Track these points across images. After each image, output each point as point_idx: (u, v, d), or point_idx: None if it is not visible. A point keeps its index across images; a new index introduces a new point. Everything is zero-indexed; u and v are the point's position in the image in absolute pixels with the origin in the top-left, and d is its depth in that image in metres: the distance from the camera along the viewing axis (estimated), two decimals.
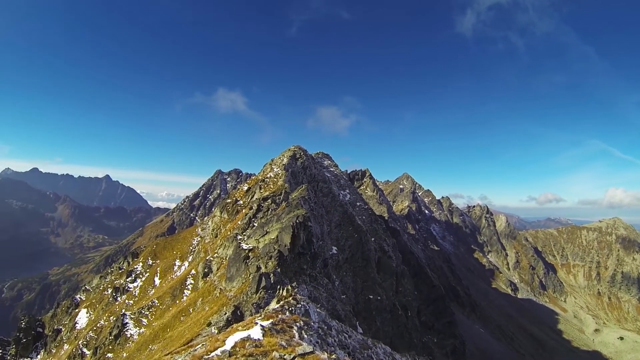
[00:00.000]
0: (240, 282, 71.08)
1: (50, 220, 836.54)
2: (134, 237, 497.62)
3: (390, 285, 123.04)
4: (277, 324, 30.74)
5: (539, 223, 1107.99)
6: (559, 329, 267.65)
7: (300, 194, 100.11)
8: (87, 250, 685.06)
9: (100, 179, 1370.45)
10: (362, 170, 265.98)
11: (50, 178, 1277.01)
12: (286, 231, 74.87)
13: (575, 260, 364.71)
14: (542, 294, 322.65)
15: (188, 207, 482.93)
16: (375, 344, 43.67)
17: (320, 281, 76.48)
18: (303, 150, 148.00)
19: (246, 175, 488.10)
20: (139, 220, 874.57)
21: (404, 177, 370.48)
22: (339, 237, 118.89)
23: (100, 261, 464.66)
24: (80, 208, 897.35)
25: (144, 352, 70.84)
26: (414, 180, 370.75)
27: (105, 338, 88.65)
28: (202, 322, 61.49)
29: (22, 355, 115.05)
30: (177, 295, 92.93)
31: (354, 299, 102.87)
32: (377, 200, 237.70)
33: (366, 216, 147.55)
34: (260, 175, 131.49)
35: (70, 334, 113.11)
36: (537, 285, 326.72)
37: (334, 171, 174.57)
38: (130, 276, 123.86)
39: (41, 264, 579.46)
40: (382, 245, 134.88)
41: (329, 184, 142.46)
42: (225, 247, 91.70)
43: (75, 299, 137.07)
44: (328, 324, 40.25)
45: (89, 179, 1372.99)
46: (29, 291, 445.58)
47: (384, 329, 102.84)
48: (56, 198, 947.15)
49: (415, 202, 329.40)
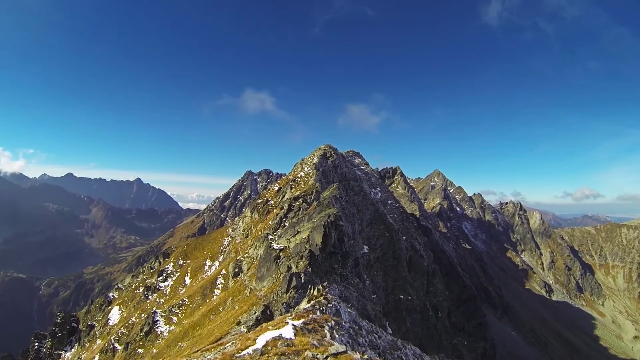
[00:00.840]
0: (270, 282, 70.89)
1: (85, 222, 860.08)
2: (165, 237, 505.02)
3: (421, 284, 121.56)
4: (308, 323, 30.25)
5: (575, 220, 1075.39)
6: (595, 335, 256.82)
7: (331, 193, 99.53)
8: (119, 250, 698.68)
9: (132, 182, 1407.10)
10: (393, 168, 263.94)
11: (84, 182, 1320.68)
12: (317, 230, 74.31)
13: (614, 261, 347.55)
14: (578, 296, 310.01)
15: (218, 208, 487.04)
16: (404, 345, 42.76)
17: (351, 280, 75.70)
18: (333, 149, 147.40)
19: (276, 175, 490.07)
20: (169, 221, 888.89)
21: (435, 174, 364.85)
22: (370, 236, 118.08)
23: (132, 261, 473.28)
24: (113, 210, 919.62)
25: (173, 349, 71.22)
26: (445, 177, 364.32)
27: (136, 334, 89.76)
28: (232, 321, 61.41)
29: (57, 348, 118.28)
30: (207, 295, 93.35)
31: (384, 299, 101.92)
32: (408, 198, 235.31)
33: (397, 214, 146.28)
34: (290, 175, 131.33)
35: (103, 330, 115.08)
36: (573, 287, 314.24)
37: (364, 169, 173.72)
38: (162, 275, 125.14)
39: (76, 263, 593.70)
40: (414, 244, 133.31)
41: (360, 182, 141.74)
42: (256, 247, 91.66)
43: (108, 297, 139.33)
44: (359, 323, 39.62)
45: (121, 182, 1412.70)
46: (65, 289, 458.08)
47: (414, 329, 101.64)
48: (90, 201, 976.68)
49: (446, 199, 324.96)
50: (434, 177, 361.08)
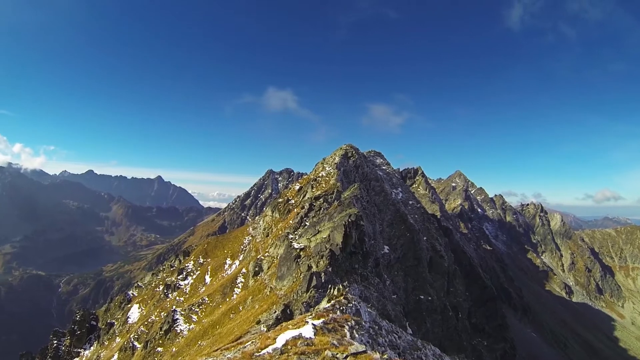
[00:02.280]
0: (290, 281, 71.29)
1: (105, 220, 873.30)
2: (186, 236, 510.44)
3: (441, 285, 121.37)
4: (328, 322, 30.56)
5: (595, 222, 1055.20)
6: (615, 337, 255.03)
7: (352, 192, 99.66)
8: (139, 248, 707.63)
9: (153, 180, 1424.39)
10: (414, 168, 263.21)
11: (104, 179, 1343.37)
12: (338, 230, 74.54)
13: (634, 263, 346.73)
14: (598, 298, 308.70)
15: (239, 206, 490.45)
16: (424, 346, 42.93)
17: (371, 280, 75.73)
18: (355, 149, 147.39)
19: (298, 174, 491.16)
20: (190, 219, 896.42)
21: (457, 175, 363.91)
22: (391, 236, 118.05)
23: (153, 259, 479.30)
24: (133, 208, 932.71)
25: (193, 348, 72.08)
26: (467, 177, 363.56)
27: (155, 333, 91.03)
28: (252, 320, 61.92)
29: (76, 346, 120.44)
30: (227, 293, 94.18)
31: (404, 299, 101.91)
32: (430, 198, 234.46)
33: (418, 215, 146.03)
34: (312, 175, 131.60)
35: (123, 328, 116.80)
36: (594, 289, 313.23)
37: (386, 169, 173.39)
38: (182, 274, 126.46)
39: (96, 261, 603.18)
40: (434, 245, 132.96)
41: (381, 182, 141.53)
42: (277, 246, 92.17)
43: (128, 295, 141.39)
44: (378, 323, 39.87)
45: (141, 180, 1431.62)
46: (84, 286, 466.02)
47: (434, 330, 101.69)
48: (110, 198, 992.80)
49: (467, 200, 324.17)
50: (455, 178, 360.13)
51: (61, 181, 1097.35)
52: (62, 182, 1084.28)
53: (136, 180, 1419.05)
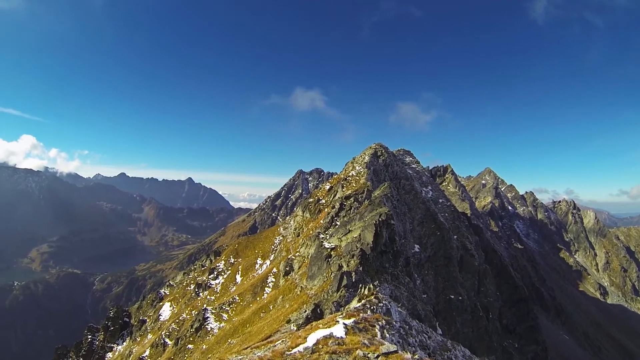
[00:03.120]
0: (321, 281, 71.27)
1: (137, 221, 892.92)
2: (216, 236, 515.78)
3: (472, 284, 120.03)
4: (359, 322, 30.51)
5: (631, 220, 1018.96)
6: None
7: (382, 191, 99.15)
8: (171, 248, 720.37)
9: (183, 182, 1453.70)
10: (444, 166, 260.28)
11: (136, 182, 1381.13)
12: (369, 229, 74.22)
13: None
14: (634, 299, 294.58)
15: (270, 207, 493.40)
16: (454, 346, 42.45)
17: (401, 280, 75.20)
18: (384, 148, 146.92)
19: (328, 174, 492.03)
20: (221, 220, 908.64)
21: (486, 172, 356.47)
22: (421, 235, 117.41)
23: (184, 259, 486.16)
24: (164, 209, 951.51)
25: (223, 346, 72.73)
26: (497, 175, 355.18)
27: (186, 330, 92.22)
28: (282, 319, 62.13)
29: (110, 341, 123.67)
30: (257, 293, 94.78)
31: (434, 299, 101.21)
32: (459, 196, 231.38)
33: (448, 213, 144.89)
34: (342, 174, 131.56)
35: (154, 325, 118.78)
36: (630, 290, 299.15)
37: (415, 168, 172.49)
38: (213, 273, 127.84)
39: (129, 260, 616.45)
40: (465, 243, 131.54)
41: (411, 181, 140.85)
42: (308, 245, 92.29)
43: (160, 293, 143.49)
44: (409, 323, 39.67)
45: (172, 181, 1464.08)
46: (118, 284, 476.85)
47: (464, 330, 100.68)
48: (142, 200, 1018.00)
49: (498, 198, 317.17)
50: (485, 175, 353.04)
51: (95, 184, 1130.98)
52: (95, 184, 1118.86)
53: (167, 182, 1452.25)
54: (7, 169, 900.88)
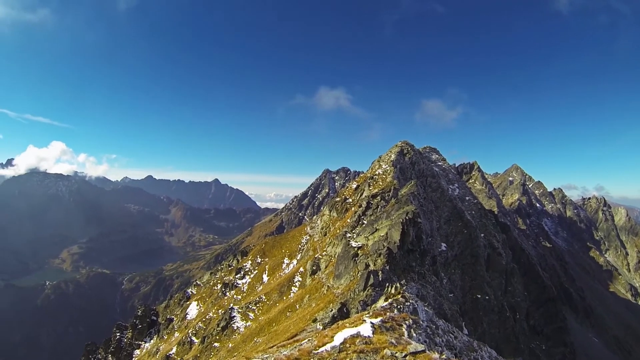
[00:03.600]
0: (348, 280, 71.20)
1: (165, 222, 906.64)
2: (243, 236, 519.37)
3: (499, 284, 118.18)
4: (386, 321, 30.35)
5: None
6: None
7: (409, 190, 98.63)
8: (198, 248, 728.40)
9: (210, 183, 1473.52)
10: (470, 163, 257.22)
11: (163, 184, 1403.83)
12: (395, 228, 73.99)
13: None
14: None
15: (296, 206, 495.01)
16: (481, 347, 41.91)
17: (428, 279, 74.71)
18: (410, 146, 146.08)
19: (354, 173, 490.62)
20: (247, 220, 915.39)
21: (513, 169, 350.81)
22: (448, 233, 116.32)
23: (211, 259, 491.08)
24: (191, 210, 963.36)
25: (249, 344, 73.10)
26: (524, 171, 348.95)
27: (213, 329, 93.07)
28: (308, 318, 62.15)
29: (138, 339, 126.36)
30: (284, 292, 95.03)
31: (461, 298, 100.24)
32: (486, 194, 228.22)
33: (475, 211, 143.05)
34: (368, 173, 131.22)
35: (181, 324, 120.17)
36: None
37: (442, 165, 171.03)
38: (239, 273, 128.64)
39: (156, 260, 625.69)
40: (492, 242, 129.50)
41: (437, 178, 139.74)
42: (334, 245, 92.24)
43: (187, 293, 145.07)
44: (435, 323, 39.33)
45: (199, 183, 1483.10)
46: (146, 284, 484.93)
47: (490, 331, 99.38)
48: (169, 202, 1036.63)
49: (525, 195, 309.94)
50: (512, 172, 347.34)
51: (123, 187, 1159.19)
52: (123, 187, 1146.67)
53: (194, 183, 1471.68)
54: (39, 174, 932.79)
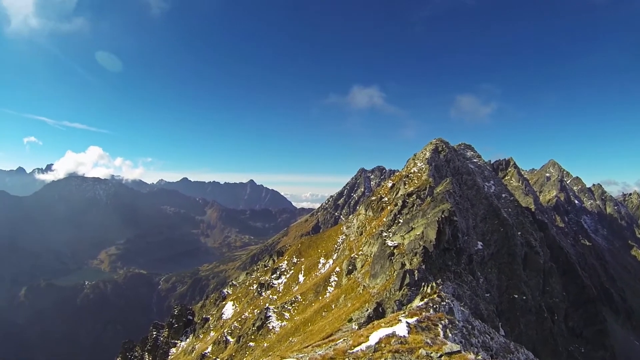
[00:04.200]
0: (384, 279, 71.12)
1: (200, 223, 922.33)
2: (279, 236, 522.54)
3: (536, 284, 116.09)
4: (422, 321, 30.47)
5: None
6: None
7: (444, 187, 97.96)
8: (234, 249, 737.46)
9: (245, 184, 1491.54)
10: (506, 160, 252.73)
11: (198, 186, 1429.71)
12: (431, 227, 73.67)
13: None
14: None
15: (332, 206, 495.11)
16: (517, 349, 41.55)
17: (464, 278, 74.04)
18: (445, 143, 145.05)
19: (389, 171, 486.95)
20: (283, 220, 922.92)
21: (550, 165, 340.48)
22: (484, 232, 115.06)
23: (247, 259, 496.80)
24: (227, 211, 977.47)
25: (284, 344, 73.64)
26: (561, 167, 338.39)
27: (248, 328, 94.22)
28: (343, 317, 62.26)
29: (174, 338, 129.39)
30: (320, 292, 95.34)
31: (497, 298, 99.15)
32: (523, 190, 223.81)
33: (512, 208, 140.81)
34: (404, 171, 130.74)
35: (217, 323, 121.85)
36: None
37: (477, 162, 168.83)
38: (275, 273, 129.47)
39: (192, 261, 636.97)
40: (529, 240, 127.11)
41: (472, 175, 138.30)
42: (370, 244, 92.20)
43: (223, 293, 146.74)
44: (471, 323, 39.23)
45: (234, 184, 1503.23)
46: (182, 284, 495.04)
47: (528, 332, 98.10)
48: (205, 203, 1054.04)
49: (563, 191, 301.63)
50: (549, 168, 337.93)
51: (158, 189, 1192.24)
52: (159, 190, 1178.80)
53: (229, 185, 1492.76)
54: (77, 178, 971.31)
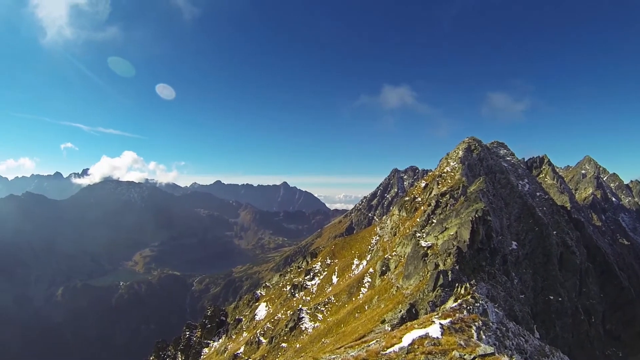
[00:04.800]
0: (417, 280, 70.92)
1: (234, 225, 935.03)
2: (313, 238, 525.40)
3: (572, 285, 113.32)
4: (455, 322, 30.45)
5: None
6: None
7: (478, 187, 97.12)
8: (267, 251, 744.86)
9: (278, 186, 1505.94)
10: (540, 157, 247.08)
11: (232, 188, 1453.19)
12: (465, 226, 73.17)
13: None
14: None
15: (366, 207, 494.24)
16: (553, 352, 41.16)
17: (498, 279, 73.21)
18: (478, 141, 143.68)
19: (422, 171, 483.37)
20: (317, 222, 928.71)
21: (586, 161, 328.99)
22: (518, 231, 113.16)
23: (280, 261, 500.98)
24: (260, 213, 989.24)
25: (316, 345, 73.95)
26: (597, 163, 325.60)
27: (281, 329, 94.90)
28: (376, 319, 62.34)
29: (206, 338, 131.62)
30: (353, 293, 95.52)
31: (532, 300, 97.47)
32: (558, 188, 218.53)
33: (547, 207, 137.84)
34: (437, 171, 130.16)
35: (250, 324, 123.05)
36: None
37: (510, 160, 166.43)
38: (309, 274, 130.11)
39: (226, 262, 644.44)
40: (565, 240, 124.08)
41: (506, 174, 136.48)
42: (404, 245, 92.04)
43: (256, 294, 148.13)
44: (506, 325, 39.21)
45: (267, 186, 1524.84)
46: (215, 285, 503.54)
47: (564, 335, 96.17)
48: (238, 205, 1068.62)
49: (599, 188, 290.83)
50: (585, 164, 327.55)
51: (192, 192, 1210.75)
52: (192, 193, 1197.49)
53: (262, 187, 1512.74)
54: (112, 182, 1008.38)
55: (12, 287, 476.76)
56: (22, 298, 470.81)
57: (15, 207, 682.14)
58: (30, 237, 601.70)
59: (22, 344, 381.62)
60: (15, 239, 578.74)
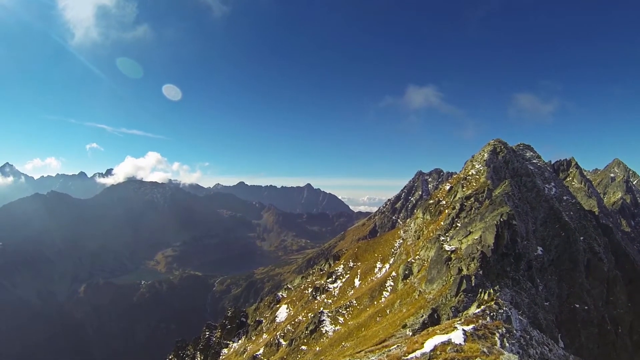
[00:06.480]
0: (440, 285, 70.61)
1: (257, 227, 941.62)
2: (336, 240, 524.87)
3: (600, 293, 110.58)
4: (478, 329, 30.41)
5: None
6: None
7: (503, 190, 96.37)
8: (290, 252, 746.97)
9: (302, 188, 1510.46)
10: (567, 160, 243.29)
11: (255, 190, 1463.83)
12: (489, 231, 72.62)
13: None
14: None
15: (390, 209, 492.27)
16: None
17: (523, 285, 72.43)
18: (503, 144, 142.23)
19: (447, 174, 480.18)
20: (340, 224, 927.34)
21: (615, 164, 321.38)
22: (544, 236, 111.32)
23: (302, 263, 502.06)
24: (283, 215, 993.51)
25: (336, 348, 74.18)
26: (627, 166, 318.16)
27: (301, 332, 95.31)
28: (398, 323, 62.32)
29: (226, 339, 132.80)
30: (375, 297, 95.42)
31: (557, 307, 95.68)
32: (585, 192, 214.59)
33: (574, 212, 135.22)
34: (461, 174, 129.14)
35: (270, 326, 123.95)
36: None
37: (537, 163, 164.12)
38: (331, 277, 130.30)
39: (248, 264, 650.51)
40: (592, 245, 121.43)
41: (532, 177, 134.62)
42: (427, 248, 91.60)
43: (277, 296, 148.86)
44: (529, 333, 38.85)
45: (291, 188, 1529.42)
46: (236, 286, 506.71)
47: (589, 345, 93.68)
48: (261, 207, 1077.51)
49: (629, 192, 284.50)
50: (614, 168, 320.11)
51: (215, 193, 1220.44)
52: (215, 194, 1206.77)
53: (286, 189, 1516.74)
54: (136, 182, 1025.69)
55: (36, 283, 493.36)
56: (45, 294, 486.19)
57: (41, 206, 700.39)
58: (54, 235, 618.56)
59: (45, 337, 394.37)
60: (40, 236, 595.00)
